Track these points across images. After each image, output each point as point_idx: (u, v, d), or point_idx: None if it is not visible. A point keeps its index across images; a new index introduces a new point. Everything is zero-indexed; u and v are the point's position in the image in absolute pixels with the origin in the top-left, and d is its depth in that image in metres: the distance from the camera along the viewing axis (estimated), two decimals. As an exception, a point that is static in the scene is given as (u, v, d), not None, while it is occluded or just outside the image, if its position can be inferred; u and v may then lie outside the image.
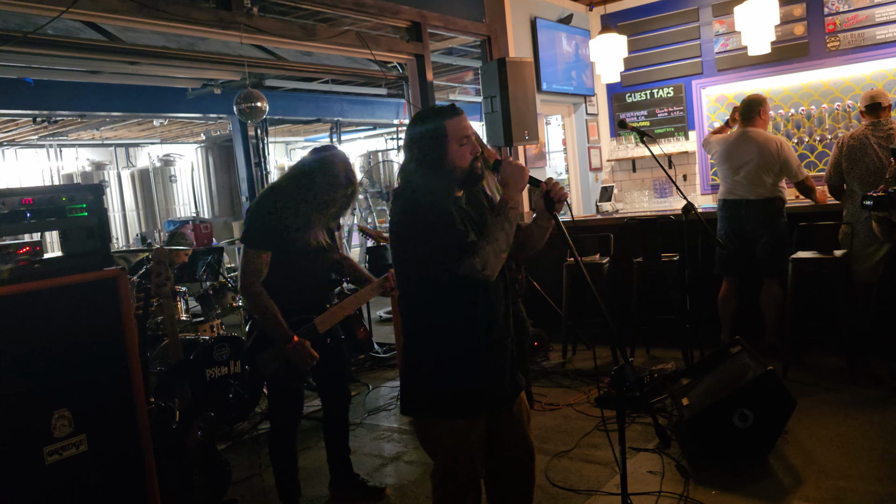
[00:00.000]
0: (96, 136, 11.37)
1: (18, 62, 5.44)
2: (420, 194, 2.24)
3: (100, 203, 2.82)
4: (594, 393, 4.75)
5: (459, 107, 2.34)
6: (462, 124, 2.27)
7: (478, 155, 2.30)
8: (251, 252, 3.06)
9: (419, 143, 2.27)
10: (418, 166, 2.27)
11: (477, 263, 2.16)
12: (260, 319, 3.07)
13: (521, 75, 5.71)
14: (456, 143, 2.24)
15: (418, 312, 2.33)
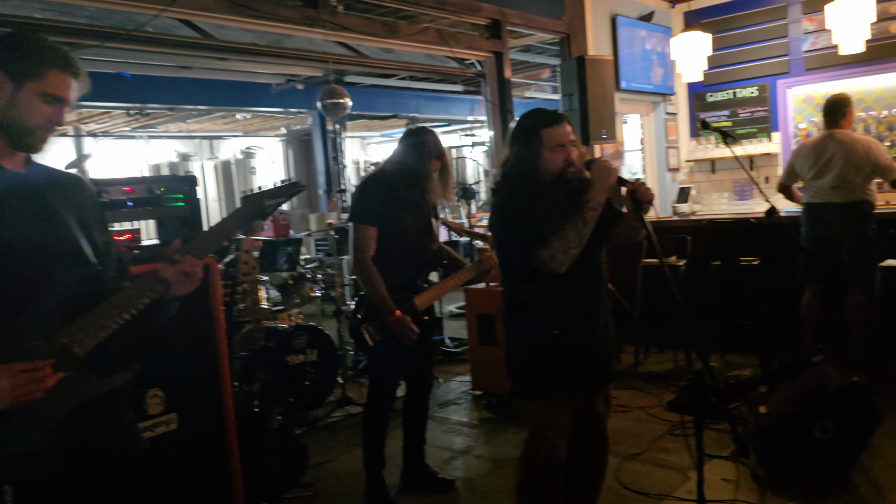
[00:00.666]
0: (183, 128, 11.85)
1: (117, 57, 5.75)
2: (512, 190, 2.45)
3: (193, 193, 2.98)
4: (667, 397, 4.68)
5: (564, 114, 2.48)
6: (558, 132, 2.39)
7: (572, 161, 2.39)
8: (359, 228, 3.21)
9: (517, 143, 2.45)
10: (513, 168, 2.45)
11: (545, 256, 2.32)
12: (367, 291, 3.22)
13: (599, 73, 5.66)
14: (549, 149, 2.38)
15: (510, 298, 2.55)
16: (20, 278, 1.59)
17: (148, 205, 2.84)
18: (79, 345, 1.60)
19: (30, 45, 1.66)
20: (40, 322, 1.59)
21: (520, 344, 2.52)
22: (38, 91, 1.64)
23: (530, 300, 2.47)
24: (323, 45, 5.21)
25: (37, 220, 1.66)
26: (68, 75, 1.67)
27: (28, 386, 1.50)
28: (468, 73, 6.33)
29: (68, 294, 1.64)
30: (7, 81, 1.62)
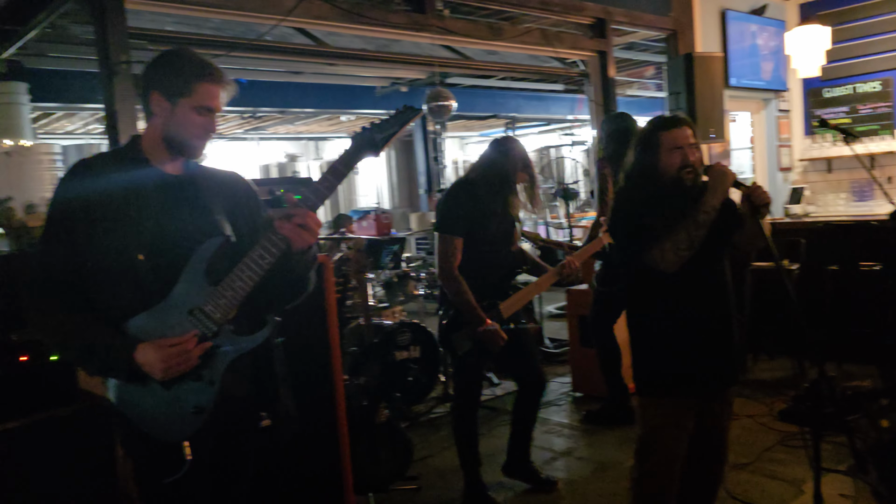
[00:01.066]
0: (291, 130, 12.33)
1: (236, 65, 6.07)
2: (630, 192, 2.51)
3: (311, 195, 3.11)
4: (777, 406, 4.50)
5: (685, 118, 2.48)
6: (676, 135, 2.41)
7: (688, 163, 2.39)
8: (445, 238, 3.27)
9: (637, 147, 2.51)
10: (632, 170, 2.52)
11: (655, 255, 2.36)
12: (455, 301, 3.26)
13: (708, 70, 5.50)
14: (666, 151, 2.42)
15: (632, 297, 2.61)
16: (174, 270, 1.78)
17: (269, 205, 3.00)
18: (220, 310, 1.76)
19: (177, 62, 1.82)
20: (187, 301, 1.76)
21: (643, 342, 2.55)
22: (191, 105, 1.79)
23: (655, 300, 2.50)
24: (428, 48, 5.32)
25: (189, 217, 1.84)
26: (214, 85, 1.82)
27: (178, 358, 1.69)
28: (571, 73, 6.29)
29: (207, 268, 1.80)
30: (164, 100, 1.79)
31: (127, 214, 1.76)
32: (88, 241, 1.74)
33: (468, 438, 3.46)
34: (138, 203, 1.79)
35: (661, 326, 2.48)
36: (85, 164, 1.86)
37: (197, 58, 1.85)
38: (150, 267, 1.76)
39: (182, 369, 1.71)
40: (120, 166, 1.82)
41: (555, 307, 8.21)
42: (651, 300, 2.51)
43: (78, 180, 1.79)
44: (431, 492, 3.66)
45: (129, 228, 1.76)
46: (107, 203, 1.76)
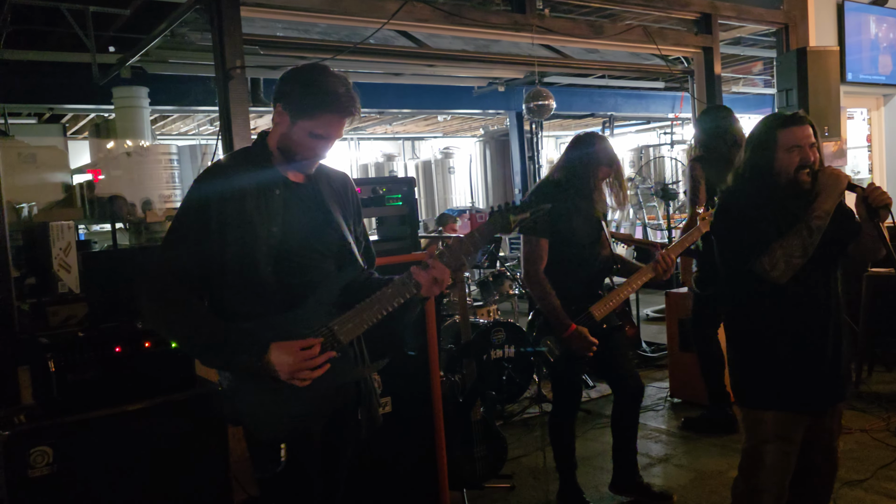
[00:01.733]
0: (389, 130, 12.59)
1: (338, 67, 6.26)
2: (739, 194, 2.39)
3: (412, 194, 3.18)
4: (895, 420, 4.23)
5: (805, 115, 2.36)
6: (795, 133, 2.30)
7: (807, 163, 2.28)
8: (531, 239, 3.22)
9: (751, 147, 2.39)
10: (745, 171, 2.40)
11: (766, 264, 2.24)
12: (541, 306, 3.23)
13: (823, 66, 5.23)
14: (784, 150, 2.30)
15: (732, 300, 2.50)
16: (299, 276, 1.88)
17: (372, 204, 3.09)
18: (345, 334, 1.88)
19: (309, 85, 1.87)
20: (315, 313, 1.85)
21: (746, 352, 2.45)
22: (308, 129, 1.87)
23: (759, 309, 2.39)
24: (527, 47, 5.31)
25: (315, 224, 1.95)
26: (338, 116, 1.88)
27: (305, 363, 1.79)
28: (675, 70, 6.13)
29: (339, 289, 1.91)
30: (286, 115, 1.88)
31: (256, 218, 1.85)
32: (220, 242, 1.83)
33: (565, 443, 3.42)
34: (267, 207, 1.88)
35: (765, 337, 2.38)
36: (219, 167, 1.96)
37: (330, 85, 1.87)
38: (274, 273, 1.85)
39: (306, 376, 1.79)
40: (250, 168, 1.91)
41: (653, 310, 8.02)
42: (756, 310, 2.40)
43: (213, 182, 1.88)
44: (525, 491, 3.66)
45: (258, 232, 1.85)
46: (238, 207, 1.85)
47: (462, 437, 3.39)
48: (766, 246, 2.25)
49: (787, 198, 2.32)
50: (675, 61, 6.34)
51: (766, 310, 2.37)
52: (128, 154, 6.38)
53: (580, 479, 3.51)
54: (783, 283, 2.26)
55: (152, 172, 6.35)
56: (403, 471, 3.15)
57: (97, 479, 2.45)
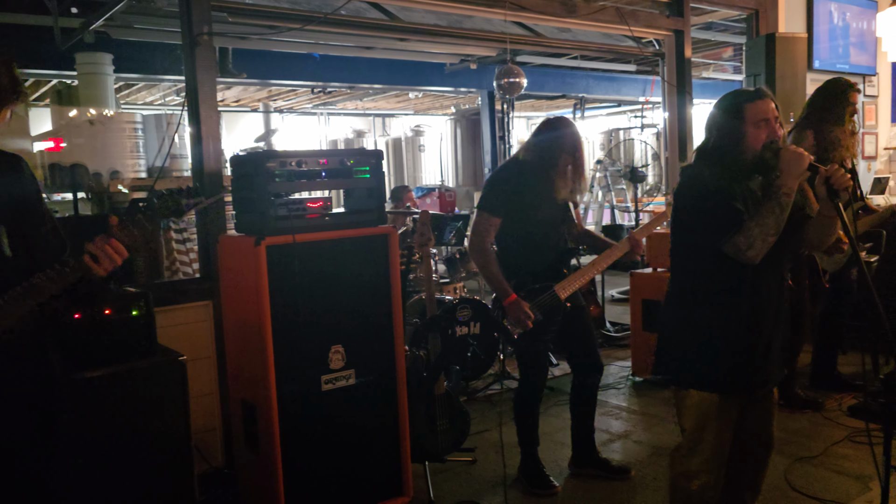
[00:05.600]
0: (359, 106, 12.46)
1: (308, 39, 6.16)
2: (707, 170, 2.33)
3: (380, 167, 3.16)
4: (847, 401, 4.36)
5: (767, 90, 2.36)
6: (762, 107, 2.28)
7: (775, 138, 2.28)
8: (483, 215, 3.31)
9: (718, 122, 2.35)
10: (712, 146, 2.36)
11: (741, 243, 2.21)
12: (483, 274, 3.32)
13: (791, 52, 5.30)
14: (753, 125, 2.27)
15: (684, 283, 2.45)
16: None
17: (339, 176, 3.06)
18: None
19: None
20: None
21: (694, 333, 2.40)
22: None
23: (708, 291, 2.37)
24: (500, 25, 5.28)
25: None
26: None
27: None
28: (646, 52, 6.15)
29: None
30: None
31: None
32: None
33: (529, 417, 3.47)
34: None
35: (713, 319, 2.35)
36: None
37: None
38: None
39: None
40: None
41: (618, 291, 8.12)
42: (707, 292, 2.36)
43: None
44: (486, 465, 3.70)
45: None
46: None
47: (425, 411, 3.41)
48: (740, 225, 2.21)
49: (750, 176, 2.33)
50: (647, 44, 6.37)
51: (718, 292, 2.35)
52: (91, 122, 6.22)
53: (541, 454, 3.57)
54: (742, 267, 2.26)
55: (116, 141, 6.20)
56: (366, 443, 3.16)
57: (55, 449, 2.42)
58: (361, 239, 3.13)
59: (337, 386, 3.08)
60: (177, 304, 3.47)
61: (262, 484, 3.04)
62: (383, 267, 3.20)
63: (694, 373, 2.41)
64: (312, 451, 3.03)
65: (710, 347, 2.36)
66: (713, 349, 2.36)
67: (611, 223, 10.99)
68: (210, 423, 3.57)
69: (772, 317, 2.38)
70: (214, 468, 3.50)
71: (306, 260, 2.96)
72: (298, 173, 2.93)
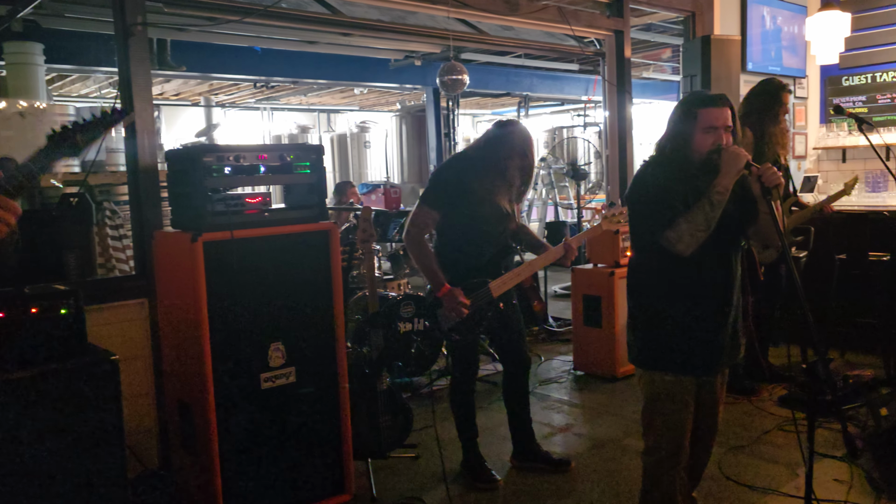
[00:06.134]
0: (303, 101, 12.30)
1: (249, 31, 6.05)
2: (652, 170, 2.51)
3: (320, 162, 3.13)
4: (778, 392, 4.52)
5: (726, 97, 2.47)
6: (713, 114, 2.41)
7: (720, 147, 2.40)
8: (423, 208, 3.31)
9: (672, 121, 2.51)
10: (663, 146, 2.51)
11: (671, 237, 2.38)
12: (418, 265, 3.34)
13: (725, 54, 5.46)
14: (701, 130, 2.41)
15: (639, 271, 2.61)
16: None
17: (279, 171, 3.02)
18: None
19: None
20: None
21: (648, 317, 2.56)
22: None
23: (664, 281, 2.50)
24: (444, 21, 5.28)
25: None
26: None
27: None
28: (587, 51, 6.25)
29: None
30: None
31: None
32: None
33: (465, 411, 3.50)
34: None
35: (667, 308, 2.50)
36: None
37: None
38: None
39: None
40: None
41: (560, 287, 8.23)
42: (661, 279, 2.52)
43: None
44: (429, 460, 3.71)
45: None
46: None
47: (367, 408, 3.39)
48: (673, 220, 2.37)
49: (699, 176, 2.43)
50: (588, 44, 6.46)
51: (670, 282, 2.48)
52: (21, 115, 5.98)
53: (484, 448, 3.60)
54: (688, 259, 2.38)
55: (48, 135, 5.98)
56: (306, 441, 3.13)
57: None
58: (302, 235, 3.10)
59: (277, 384, 3.04)
60: (110, 303, 3.37)
61: (200, 485, 2.98)
62: (324, 263, 3.17)
63: (647, 353, 2.58)
64: (251, 451, 2.98)
65: (660, 330, 2.53)
66: (662, 332, 2.52)
67: (554, 220, 11.13)
68: (145, 424, 3.48)
69: (722, 307, 2.51)
70: (150, 470, 3.41)
71: (245, 256, 2.92)
72: (236, 168, 2.88)
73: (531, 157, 3.42)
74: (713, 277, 2.49)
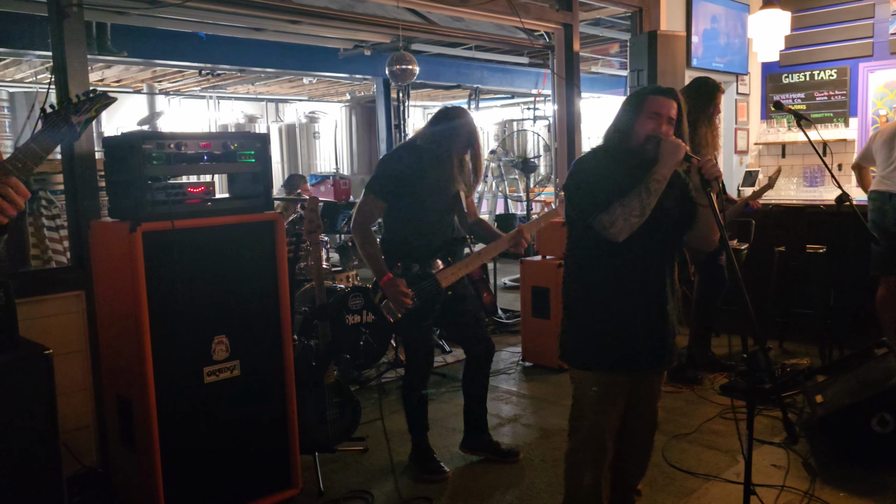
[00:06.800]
0: (251, 90, 12.07)
1: (192, 17, 5.89)
2: (592, 155, 2.51)
3: (266, 151, 3.06)
4: (719, 380, 4.64)
5: (679, 94, 2.50)
6: (661, 102, 2.42)
7: (657, 134, 2.39)
8: (369, 197, 3.28)
9: (620, 111, 2.50)
10: (608, 132, 2.51)
11: (605, 220, 2.34)
12: (362, 253, 3.31)
13: (671, 50, 5.54)
14: (646, 115, 2.41)
15: (574, 263, 2.56)
16: None
17: (222, 160, 2.94)
18: None
19: None
20: None
21: (580, 315, 2.53)
22: None
23: (595, 270, 2.48)
24: (393, 11, 5.23)
25: None
26: None
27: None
28: (536, 44, 6.28)
29: None
30: None
31: None
32: None
33: (417, 403, 3.48)
34: None
35: (600, 302, 2.48)
36: None
37: None
38: None
39: None
40: None
41: (509, 279, 8.28)
42: (595, 276, 2.48)
43: None
44: (378, 453, 3.68)
45: None
46: None
47: (314, 401, 3.35)
48: (608, 204, 2.35)
49: (638, 165, 2.42)
50: (538, 37, 6.49)
51: (607, 271, 2.46)
52: (-52, 99, 5.72)
53: (433, 440, 3.58)
54: (625, 249, 2.37)
55: (-22, 120, 5.73)
56: (252, 436, 3.07)
57: None
58: (246, 225, 3.03)
59: (220, 378, 2.97)
60: (45, 295, 3.24)
61: (140, 482, 2.89)
62: (270, 254, 3.11)
63: (576, 351, 2.54)
64: (194, 446, 2.91)
65: (596, 327, 2.48)
66: (597, 328, 2.48)
67: (504, 212, 11.19)
68: (83, 421, 3.37)
69: (652, 300, 2.48)
70: (87, 468, 3.30)
71: (187, 247, 2.83)
72: (178, 156, 2.80)
73: (478, 145, 3.41)
74: (648, 275, 2.46)
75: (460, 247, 3.51)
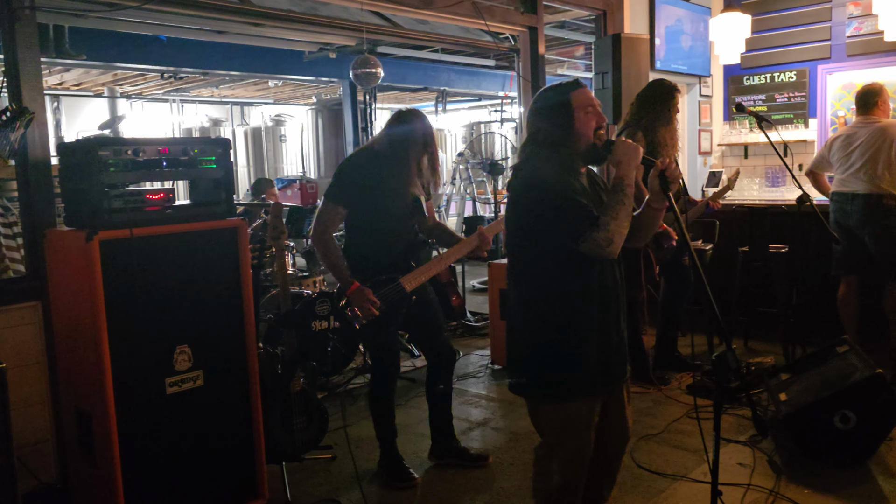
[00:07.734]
0: (215, 93, 11.91)
1: (152, 19, 5.78)
2: (545, 167, 2.24)
3: (227, 157, 3.01)
4: (686, 380, 4.68)
5: (583, 83, 2.35)
6: (586, 94, 2.29)
7: (602, 125, 2.30)
8: (329, 204, 3.24)
9: (546, 114, 2.29)
10: (544, 139, 2.29)
11: (601, 239, 2.13)
12: (325, 264, 3.25)
13: (635, 52, 5.59)
14: (582, 111, 2.26)
15: (532, 288, 2.30)
16: None
17: (182, 166, 2.88)
18: None
19: None
20: None
21: (545, 342, 2.29)
22: None
23: (559, 294, 2.25)
24: (358, 13, 5.19)
25: None
26: None
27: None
28: (502, 47, 6.29)
29: None
30: None
31: None
32: None
33: (383, 409, 3.44)
34: None
35: (572, 323, 2.25)
36: None
37: None
38: None
39: None
40: None
41: (478, 281, 8.28)
42: (561, 295, 2.25)
43: None
44: (346, 461, 3.63)
45: None
46: None
47: (281, 410, 3.29)
48: (594, 221, 2.14)
49: (578, 170, 2.31)
50: (503, 39, 6.50)
51: (569, 294, 2.25)
52: None
53: (401, 446, 3.55)
54: (589, 266, 2.22)
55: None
56: (217, 447, 3.01)
57: None
58: (208, 232, 2.97)
59: (183, 388, 2.90)
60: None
61: (101, 498, 2.82)
62: (233, 261, 3.05)
63: (550, 387, 2.31)
64: (157, 460, 2.84)
65: (565, 352, 2.27)
66: (567, 353, 2.27)
67: (472, 215, 11.19)
68: (41, 435, 3.27)
69: (616, 311, 2.36)
70: (45, 484, 3.20)
71: (146, 256, 2.77)
72: (135, 163, 2.73)
73: (434, 147, 3.37)
74: (608, 281, 2.30)
75: (424, 251, 3.49)
